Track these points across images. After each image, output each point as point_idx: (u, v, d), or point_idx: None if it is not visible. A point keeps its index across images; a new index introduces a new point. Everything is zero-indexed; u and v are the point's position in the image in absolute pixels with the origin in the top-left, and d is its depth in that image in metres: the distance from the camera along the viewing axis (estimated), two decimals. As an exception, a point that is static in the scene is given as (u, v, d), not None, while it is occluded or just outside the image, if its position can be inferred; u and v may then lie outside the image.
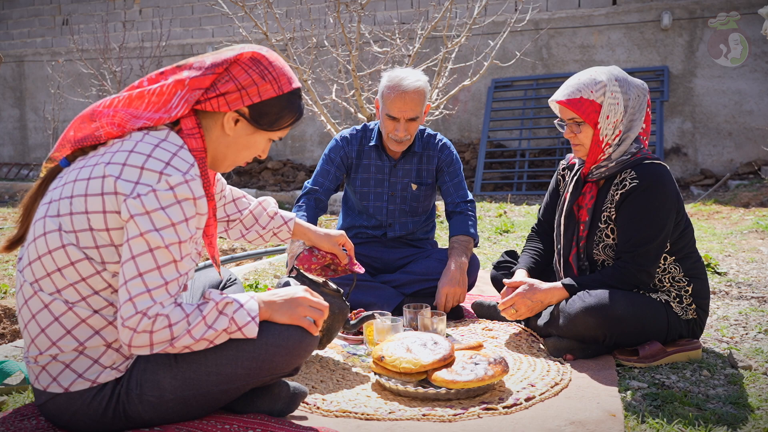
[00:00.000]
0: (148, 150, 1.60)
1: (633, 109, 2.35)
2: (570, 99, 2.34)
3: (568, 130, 2.40)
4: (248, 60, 1.69)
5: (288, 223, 2.29)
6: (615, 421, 1.83)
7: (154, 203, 1.55)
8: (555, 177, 2.72)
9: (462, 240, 3.02)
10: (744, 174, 7.71)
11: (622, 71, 2.39)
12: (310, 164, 9.86)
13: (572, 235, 2.49)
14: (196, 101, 1.67)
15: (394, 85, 2.89)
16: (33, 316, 1.65)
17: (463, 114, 9.09)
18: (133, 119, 1.65)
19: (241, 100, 1.69)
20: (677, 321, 2.36)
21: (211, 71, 1.66)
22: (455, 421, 1.86)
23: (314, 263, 2.39)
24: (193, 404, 1.73)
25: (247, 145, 1.77)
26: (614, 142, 2.35)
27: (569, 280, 2.39)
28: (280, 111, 1.74)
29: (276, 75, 1.71)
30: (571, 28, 8.54)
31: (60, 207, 1.61)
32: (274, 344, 1.73)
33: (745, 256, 4.14)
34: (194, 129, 1.67)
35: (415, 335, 2.20)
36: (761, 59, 7.79)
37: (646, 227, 2.30)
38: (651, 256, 2.32)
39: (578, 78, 2.36)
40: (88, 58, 9.59)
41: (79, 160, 1.69)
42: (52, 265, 1.61)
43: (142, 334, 1.55)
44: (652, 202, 2.29)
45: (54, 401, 1.68)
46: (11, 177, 11.28)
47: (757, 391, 2.07)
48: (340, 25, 5.61)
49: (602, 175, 2.40)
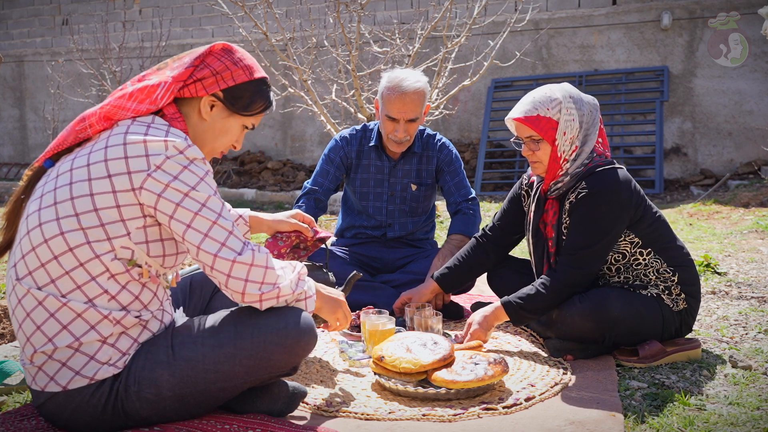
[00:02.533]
0: (142, 129, 1.69)
1: (587, 125, 2.38)
2: (528, 116, 2.35)
3: (525, 148, 2.41)
4: (220, 50, 1.82)
5: (243, 216, 2.34)
6: (615, 421, 1.83)
7: (175, 167, 1.65)
8: (516, 189, 2.72)
9: (454, 239, 3.03)
10: (744, 174, 7.71)
11: (574, 88, 2.41)
12: (310, 164, 9.86)
13: (542, 252, 2.50)
14: (178, 90, 1.77)
15: (393, 86, 2.89)
16: (27, 315, 1.65)
17: (463, 114, 9.09)
18: (120, 111, 1.73)
19: (216, 83, 1.79)
20: (670, 314, 2.37)
21: (191, 65, 1.78)
22: (455, 421, 1.86)
23: (282, 247, 2.40)
24: (192, 402, 1.74)
25: (222, 130, 1.85)
26: (571, 158, 2.37)
27: (508, 299, 2.40)
28: (252, 95, 1.84)
29: (245, 63, 1.84)
30: (571, 28, 8.54)
31: (57, 196, 1.65)
32: (272, 342, 1.74)
33: (744, 256, 4.14)
34: (176, 114, 1.77)
35: (415, 335, 2.20)
36: (761, 59, 7.79)
37: (588, 233, 2.32)
38: (591, 260, 2.33)
39: (533, 96, 2.38)
40: (88, 58, 9.59)
41: (67, 156, 1.73)
42: (48, 253, 1.63)
43: (253, 270, 1.68)
44: (596, 208, 2.31)
45: (53, 400, 1.68)
46: (11, 177, 11.29)
47: (757, 391, 2.07)
48: (340, 25, 5.61)
49: (560, 190, 2.42)
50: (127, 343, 1.71)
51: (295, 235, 2.40)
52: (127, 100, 1.73)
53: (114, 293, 1.67)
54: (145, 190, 1.63)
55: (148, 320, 1.75)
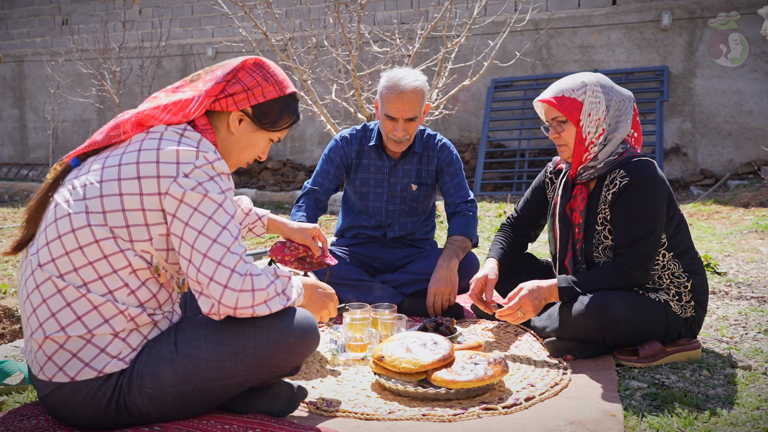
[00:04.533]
0: (176, 138, 1.73)
1: (617, 111, 2.38)
2: (554, 97, 2.39)
3: (552, 131, 2.44)
4: (252, 65, 1.86)
5: (262, 218, 2.41)
6: (615, 421, 1.83)
7: (201, 176, 1.68)
8: (541, 177, 2.74)
9: (456, 240, 3.02)
10: (744, 174, 7.71)
11: (609, 80, 2.43)
12: (310, 164, 9.86)
13: (567, 238, 2.49)
14: (210, 104, 1.82)
15: (392, 85, 2.89)
16: (44, 300, 1.67)
17: (462, 114, 9.09)
18: (153, 120, 1.77)
19: (247, 99, 1.84)
20: (676, 320, 2.36)
21: (223, 79, 1.82)
22: (455, 421, 1.86)
23: (288, 255, 2.43)
24: (193, 399, 1.74)
25: (249, 143, 1.90)
26: (598, 141, 2.38)
27: (567, 279, 2.38)
28: (280, 111, 1.89)
29: (277, 79, 1.89)
30: (571, 28, 8.54)
31: (87, 191, 1.68)
32: (275, 341, 1.75)
33: (744, 256, 4.14)
34: (207, 125, 1.82)
35: (415, 335, 2.20)
36: (761, 59, 7.79)
37: (642, 222, 2.31)
38: (649, 251, 2.32)
39: (562, 80, 2.43)
40: (88, 58, 9.59)
41: (98, 155, 1.77)
42: (74, 243, 1.66)
43: (244, 293, 1.67)
44: (644, 197, 2.31)
45: (59, 391, 1.69)
46: (11, 177, 11.28)
47: (757, 391, 2.07)
48: (340, 25, 5.61)
49: (591, 176, 2.42)
50: (137, 340, 1.73)
51: (304, 249, 2.44)
52: (161, 111, 1.77)
53: (134, 288, 1.70)
54: (169, 196, 1.66)
55: (159, 320, 1.77)
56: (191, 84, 1.84)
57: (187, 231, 1.67)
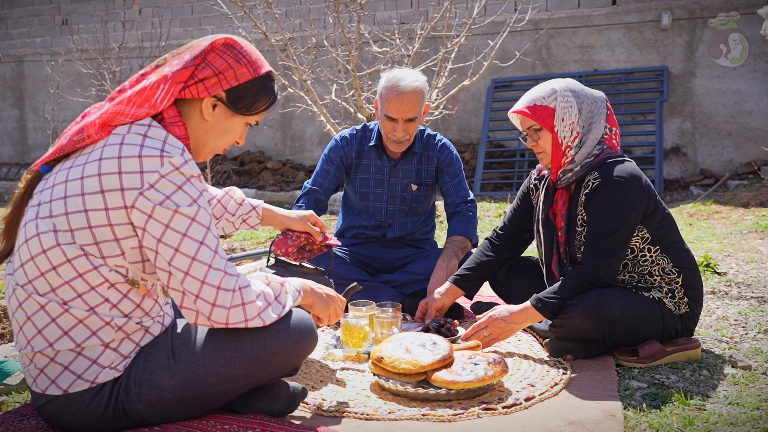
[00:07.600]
0: (138, 140, 1.62)
1: (589, 113, 2.41)
2: (526, 107, 2.43)
3: (530, 140, 2.47)
4: (222, 46, 1.73)
5: (257, 208, 2.31)
6: (614, 421, 1.83)
7: (168, 187, 1.59)
8: (526, 184, 2.75)
9: (456, 240, 3.03)
10: (743, 174, 7.71)
11: (578, 83, 2.45)
12: (310, 164, 9.85)
13: (552, 242, 2.52)
14: (178, 92, 1.70)
15: (391, 85, 2.89)
16: (28, 318, 1.64)
17: (462, 114, 9.09)
18: (118, 116, 1.66)
19: (219, 84, 1.72)
20: (671, 317, 2.37)
21: (191, 63, 1.70)
22: (455, 421, 1.86)
23: (290, 246, 2.41)
24: (192, 404, 1.73)
25: (225, 129, 1.79)
26: (574, 144, 2.40)
27: (535, 299, 2.36)
28: (256, 94, 1.77)
29: (250, 59, 1.75)
30: (571, 28, 8.53)
31: (52, 208, 1.61)
32: (272, 345, 1.74)
33: (744, 256, 4.14)
34: (176, 117, 1.70)
35: (414, 336, 2.20)
36: (761, 59, 7.79)
37: (608, 220, 2.33)
38: (613, 248, 2.33)
39: (532, 90, 2.46)
40: (88, 58, 9.58)
41: (64, 163, 1.68)
42: (47, 264, 1.60)
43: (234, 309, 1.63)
44: (613, 195, 2.33)
45: (53, 403, 1.68)
46: (11, 177, 11.28)
47: (757, 391, 2.07)
48: (340, 25, 5.60)
49: (570, 180, 2.44)
50: (129, 347, 1.71)
51: (305, 237, 2.42)
52: (126, 105, 1.66)
53: (115, 302, 1.65)
54: (137, 210, 1.58)
55: (150, 326, 1.74)
56: (157, 70, 1.71)
57: (161, 247, 1.59)
